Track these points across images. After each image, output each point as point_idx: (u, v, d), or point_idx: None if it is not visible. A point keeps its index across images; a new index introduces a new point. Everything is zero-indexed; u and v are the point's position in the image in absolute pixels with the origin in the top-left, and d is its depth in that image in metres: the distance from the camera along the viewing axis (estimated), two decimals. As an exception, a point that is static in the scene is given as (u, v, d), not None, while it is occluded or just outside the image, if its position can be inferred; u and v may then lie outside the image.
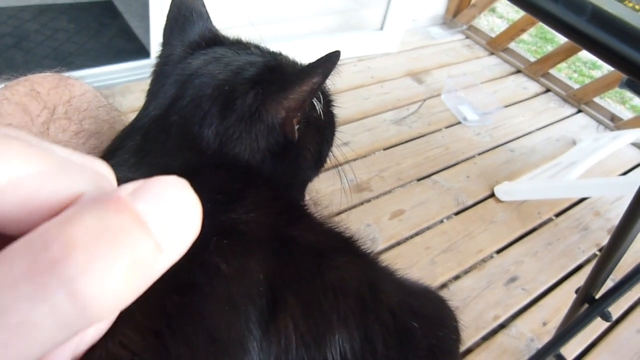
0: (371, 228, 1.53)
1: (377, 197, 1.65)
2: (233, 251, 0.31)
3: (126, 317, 0.25)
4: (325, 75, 0.41)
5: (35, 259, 0.12)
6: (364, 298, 0.35)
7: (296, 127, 0.44)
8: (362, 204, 1.61)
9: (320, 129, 0.49)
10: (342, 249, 0.38)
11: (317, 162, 0.51)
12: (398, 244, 1.52)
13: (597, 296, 0.97)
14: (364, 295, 0.35)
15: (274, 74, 0.44)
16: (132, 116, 0.49)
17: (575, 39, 0.51)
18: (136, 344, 0.25)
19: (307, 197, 0.54)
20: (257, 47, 0.50)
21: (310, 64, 0.41)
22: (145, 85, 0.49)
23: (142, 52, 1.89)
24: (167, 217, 0.14)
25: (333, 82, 0.51)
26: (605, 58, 0.49)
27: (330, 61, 0.40)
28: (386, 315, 0.36)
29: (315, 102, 0.45)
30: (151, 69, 0.50)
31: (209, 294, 0.28)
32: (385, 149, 1.85)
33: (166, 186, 0.15)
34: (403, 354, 0.36)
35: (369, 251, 0.41)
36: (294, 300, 0.31)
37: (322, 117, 0.47)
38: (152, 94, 0.47)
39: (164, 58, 0.49)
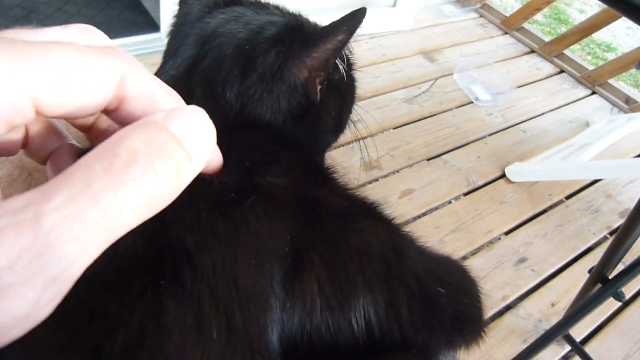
0: (380, 206, 1.52)
1: (387, 175, 1.64)
2: (266, 213, 0.30)
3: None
4: (351, 33, 0.39)
5: (110, 162, 0.16)
6: (388, 262, 0.34)
7: (318, 87, 0.42)
8: (371, 182, 1.60)
9: (341, 92, 0.48)
10: (366, 213, 0.37)
11: (337, 126, 0.50)
12: (407, 223, 1.51)
13: (610, 276, 0.96)
14: (389, 259, 0.34)
15: (295, 33, 0.42)
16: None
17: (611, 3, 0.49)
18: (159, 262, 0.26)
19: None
20: (276, 7, 0.49)
21: (334, 22, 0.40)
22: (156, 58, 0.47)
23: (151, 25, 1.86)
24: (191, 134, 0.19)
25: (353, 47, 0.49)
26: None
27: (355, 18, 0.39)
28: (411, 280, 0.35)
29: (338, 63, 0.44)
30: (168, 29, 0.49)
31: (238, 243, 0.28)
32: (395, 128, 1.83)
33: (188, 111, 0.20)
34: (427, 319, 0.35)
35: (391, 217, 0.40)
36: (319, 260, 0.31)
37: (345, 78, 0.46)
38: (168, 54, 0.45)
39: (181, 17, 0.48)
